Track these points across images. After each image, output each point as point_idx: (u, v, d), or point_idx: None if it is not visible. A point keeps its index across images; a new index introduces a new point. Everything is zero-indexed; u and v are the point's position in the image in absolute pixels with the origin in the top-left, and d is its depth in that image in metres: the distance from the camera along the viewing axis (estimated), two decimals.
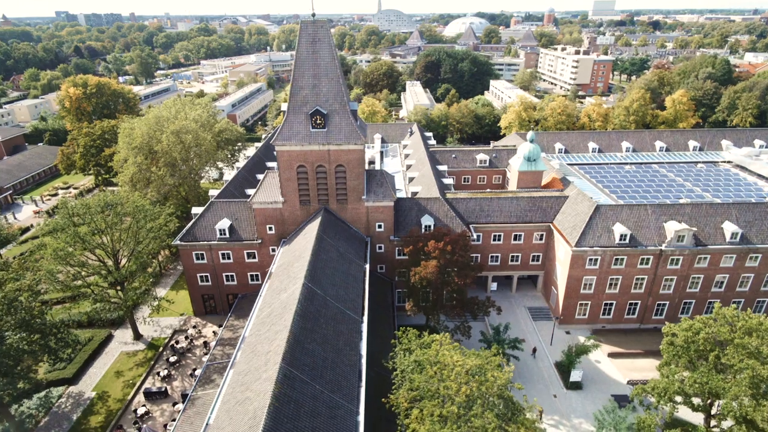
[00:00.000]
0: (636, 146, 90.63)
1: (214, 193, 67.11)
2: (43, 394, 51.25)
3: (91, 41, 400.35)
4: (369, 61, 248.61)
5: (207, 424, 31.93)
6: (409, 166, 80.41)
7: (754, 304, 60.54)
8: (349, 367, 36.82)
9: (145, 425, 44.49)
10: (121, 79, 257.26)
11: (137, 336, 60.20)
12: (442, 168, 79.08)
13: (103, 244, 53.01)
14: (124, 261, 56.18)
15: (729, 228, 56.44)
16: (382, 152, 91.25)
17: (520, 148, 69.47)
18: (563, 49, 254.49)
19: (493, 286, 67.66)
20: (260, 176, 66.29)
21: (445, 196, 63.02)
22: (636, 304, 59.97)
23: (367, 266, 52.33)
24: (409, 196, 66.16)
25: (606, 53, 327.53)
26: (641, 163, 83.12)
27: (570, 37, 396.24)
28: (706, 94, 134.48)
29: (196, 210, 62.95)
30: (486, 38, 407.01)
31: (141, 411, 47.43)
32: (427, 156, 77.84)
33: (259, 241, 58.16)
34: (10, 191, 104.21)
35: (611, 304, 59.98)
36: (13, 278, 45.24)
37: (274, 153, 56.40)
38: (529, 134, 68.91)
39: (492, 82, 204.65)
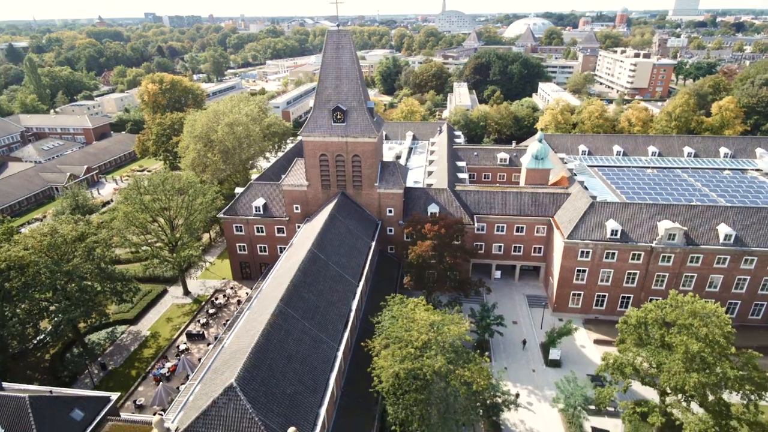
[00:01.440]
0: (663, 151, 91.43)
1: (255, 177, 77.92)
2: (110, 329, 64.11)
3: (173, 41, 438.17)
4: (422, 62, 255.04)
5: (222, 346, 41.33)
6: (431, 161, 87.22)
7: (751, 306, 61.84)
8: (338, 317, 45.03)
9: (183, 357, 55.32)
10: (195, 76, 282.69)
11: (186, 292, 72.07)
12: (461, 164, 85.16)
13: (161, 211, 64.93)
14: (178, 228, 67.93)
15: (723, 230, 58.53)
16: (411, 148, 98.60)
17: (530, 147, 74.31)
18: (623, 52, 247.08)
19: (497, 274, 73.26)
20: None
21: (454, 188, 69.51)
22: (628, 297, 63.24)
23: (373, 243, 60.34)
24: (424, 186, 73.16)
25: (675, 56, 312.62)
26: (665, 168, 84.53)
27: (639, 39, 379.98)
28: (760, 101, 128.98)
29: (239, 190, 73.87)
30: (547, 40, 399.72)
31: (182, 347, 58.57)
32: (447, 152, 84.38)
33: (287, 218, 67.86)
34: (96, 171, 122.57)
35: (604, 296, 63.69)
36: (93, 233, 57.68)
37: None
38: (538, 134, 73.69)
39: (540, 85, 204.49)
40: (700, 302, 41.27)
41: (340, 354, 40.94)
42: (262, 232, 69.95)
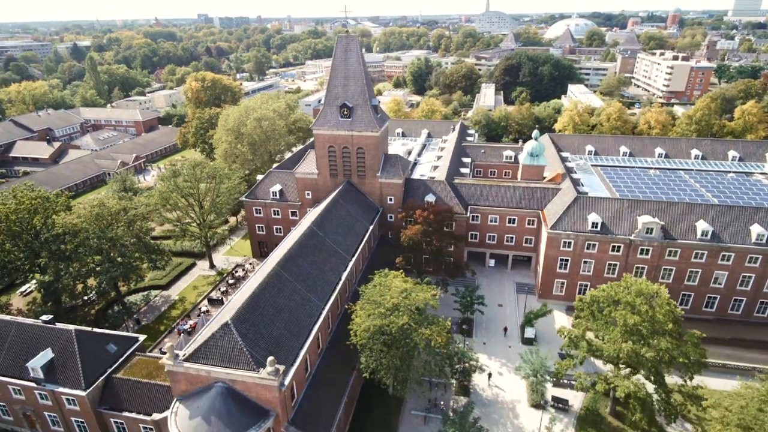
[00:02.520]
0: (670, 153, 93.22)
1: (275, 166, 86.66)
2: (146, 293, 74.46)
3: (221, 42, 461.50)
4: (453, 63, 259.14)
5: (227, 303, 49.53)
6: (439, 157, 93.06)
7: (730, 302, 64.40)
8: (328, 284, 52.39)
9: (203, 316, 64.46)
10: (238, 75, 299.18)
11: (212, 266, 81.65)
12: (466, 160, 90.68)
13: (192, 193, 74.60)
14: (206, 209, 77.40)
15: (701, 226, 61.63)
16: (425, 145, 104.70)
17: (526, 145, 79.06)
18: (662, 54, 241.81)
19: (491, 262, 78.56)
20: None
21: (451, 181, 75.46)
22: None
23: (371, 226, 67.40)
24: (428, 179, 79.39)
25: (723, 59, 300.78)
26: (668, 169, 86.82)
27: (688, 41, 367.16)
28: None
29: (260, 176, 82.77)
30: (588, 41, 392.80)
31: (203, 309, 67.82)
32: (453, 149, 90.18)
33: (299, 203, 75.96)
34: (144, 159, 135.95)
35: (586, 286, 67.74)
36: (133, 207, 67.79)
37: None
38: (534, 133, 78.41)
39: (570, 87, 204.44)
40: (647, 283, 45.79)
41: (324, 312, 48.28)
42: (278, 214, 78.44)
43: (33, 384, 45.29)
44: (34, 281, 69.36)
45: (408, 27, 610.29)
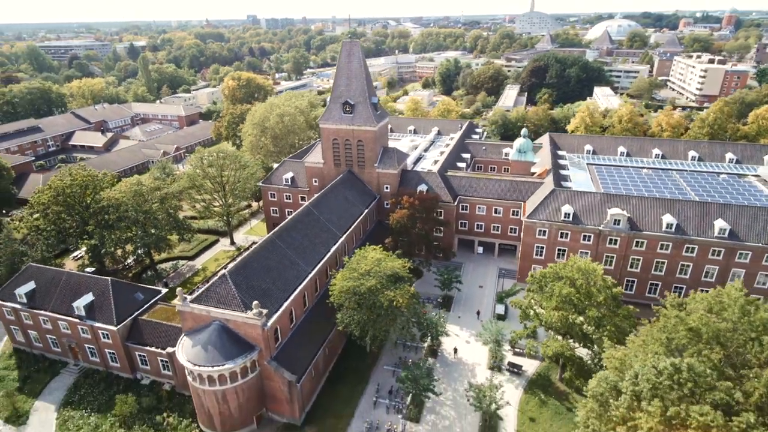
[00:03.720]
0: (667, 154, 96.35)
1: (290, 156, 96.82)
2: (175, 262, 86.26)
3: (265, 42, 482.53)
4: (483, 65, 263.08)
5: (232, 262, 59.40)
6: (442, 153, 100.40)
7: (696, 292, 68.34)
8: (317, 254, 61.39)
9: None
10: (277, 75, 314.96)
11: (232, 242, 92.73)
12: (466, 155, 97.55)
13: (215, 177, 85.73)
14: (229, 191, 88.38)
15: (667, 219, 66.31)
16: (433, 141, 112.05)
17: (515, 142, 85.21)
18: (698, 57, 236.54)
19: (480, 249, 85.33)
20: None
21: (444, 173, 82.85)
22: None
23: (366, 210, 76.00)
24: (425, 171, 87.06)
25: None
26: (661, 169, 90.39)
27: (739, 43, 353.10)
28: None
29: (276, 165, 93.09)
30: (629, 42, 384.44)
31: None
32: (455, 145, 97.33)
33: (308, 188, 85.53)
34: (183, 150, 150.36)
35: None
36: (166, 186, 79.42)
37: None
38: (523, 131, 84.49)
39: (596, 89, 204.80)
40: (586, 262, 51.97)
41: (310, 275, 57.32)
42: (290, 199, 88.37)
43: (77, 320, 56.87)
44: (83, 249, 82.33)
45: (448, 28, 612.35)
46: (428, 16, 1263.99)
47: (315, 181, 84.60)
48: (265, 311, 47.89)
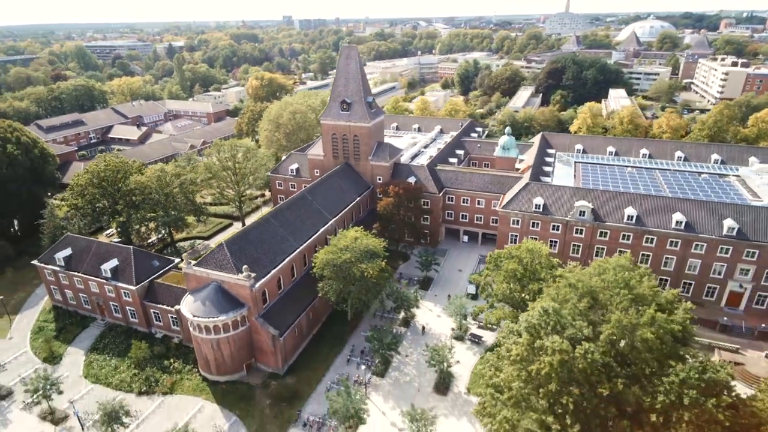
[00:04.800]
0: (655, 154, 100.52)
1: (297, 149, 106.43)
2: (192, 241, 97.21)
3: (296, 43, 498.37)
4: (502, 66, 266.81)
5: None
6: (439, 149, 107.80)
7: (656, 280, 73.47)
8: (306, 233, 70.32)
9: None
10: (304, 75, 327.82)
11: (243, 225, 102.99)
12: (459, 152, 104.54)
13: (229, 166, 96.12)
14: (241, 179, 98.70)
15: (628, 211, 71.84)
16: (434, 138, 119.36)
17: (500, 140, 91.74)
18: (722, 60, 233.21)
19: (465, 238, 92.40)
20: None
21: (433, 167, 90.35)
22: None
23: (358, 198, 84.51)
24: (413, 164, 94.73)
25: None
26: (644, 168, 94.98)
27: None
28: None
29: (284, 157, 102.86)
30: (659, 44, 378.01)
31: None
32: (450, 142, 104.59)
33: (310, 179, 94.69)
34: (209, 144, 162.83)
35: None
36: (185, 173, 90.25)
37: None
38: (507, 129, 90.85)
39: (611, 91, 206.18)
40: (535, 243, 58.77)
41: (298, 250, 66.29)
42: (294, 188, 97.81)
43: (104, 281, 67.81)
44: (114, 227, 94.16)
45: (479, 28, 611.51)
46: (461, 16, 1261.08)
47: (316, 172, 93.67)
48: (253, 275, 57.13)
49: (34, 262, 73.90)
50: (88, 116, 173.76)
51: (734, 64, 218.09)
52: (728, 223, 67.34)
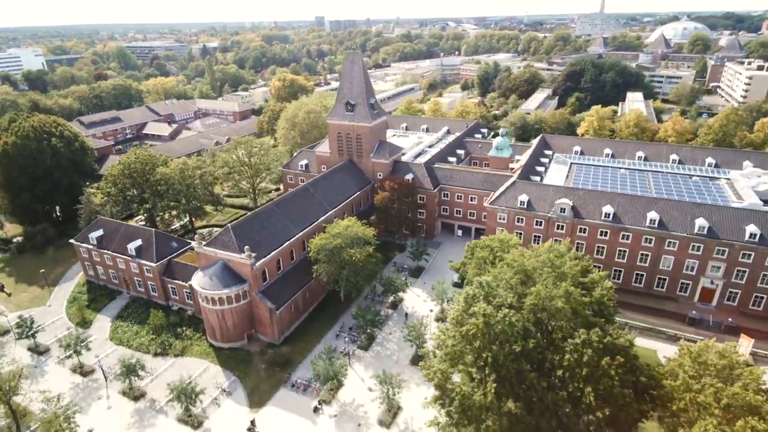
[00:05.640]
0: (650, 156, 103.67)
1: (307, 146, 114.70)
2: (211, 228, 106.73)
3: (324, 44, 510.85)
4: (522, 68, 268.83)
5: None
6: (441, 149, 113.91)
7: (632, 275, 77.80)
8: (306, 221, 78.06)
9: None
10: (329, 75, 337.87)
11: None
12: (460, 152, 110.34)
13: (246, 162, 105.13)
14: (253, 170, 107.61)
15: (606, 209, 76.39)
16: (440, 138, 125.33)
17: (495, 140, 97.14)
18: (749, 63, 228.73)
19: (459, 232, 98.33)
20: None
21: (431, 165, 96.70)
22: None
23: (359, 192, 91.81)
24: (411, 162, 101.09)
25: None
26: (636, 170, 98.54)
27: None
28: None
29: (296, 153, 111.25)
30: (691, 46, 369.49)
31: None
32: (452, 142, 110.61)
33: (318, 174, 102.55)
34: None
35: None
36: (205, 167, 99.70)
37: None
38: (501, 131, 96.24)
39: (628, 94, 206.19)
40: (508, 235, 64.53)
41: (297, 236, 74.10)
42: (304, 182, 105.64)
43: (129, 258, 77.44)
44: (142, 214, 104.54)
45: (506, 29, 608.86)
46: (493, 16, 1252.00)
47: (323, 168, 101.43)
48: (254, 255, 65.22)
49: (72, 241, 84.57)
50: (124, 113, 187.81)
51: (760, 68, 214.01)
52: (700, 222, 71.12)
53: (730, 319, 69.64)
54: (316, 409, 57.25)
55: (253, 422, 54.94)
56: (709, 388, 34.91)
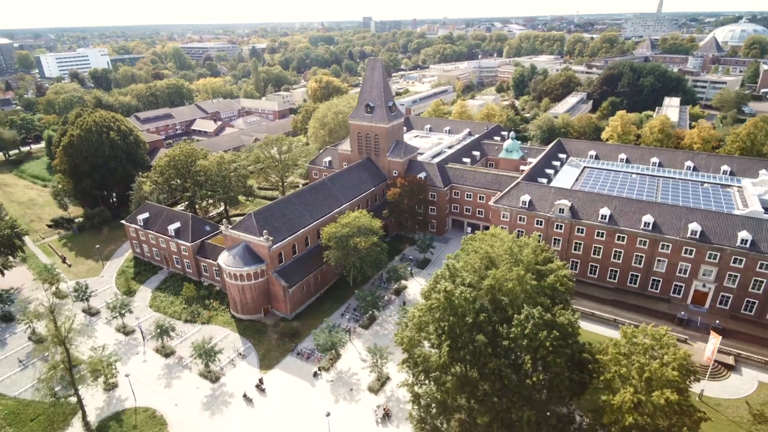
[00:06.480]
0: (665, 162, 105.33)
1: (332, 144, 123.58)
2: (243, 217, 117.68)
3: (367, 45, 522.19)
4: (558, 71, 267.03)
5: None
6: (458, 149, 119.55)
7: (628, 276, 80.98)
8: (321, 212, 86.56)
9: None
10: None
11: None
12: (476, 153, 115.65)
13: (276, 157, 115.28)
14: (281, 165, 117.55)
15: (602, 211, 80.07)
16: (461, 140, 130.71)
17: (505, 143, 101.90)
18: None
19: (468, 229, 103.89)
20: None
21: (444, 165, 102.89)
22: None
23: (374, 188, 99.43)
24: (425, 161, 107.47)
25: None
26: (647, 175, 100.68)
27: None
28: None
29: (320, 151, 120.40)
30: (746, 50, 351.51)
31: None
32: (468, 144, 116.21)
33: (339, 170, 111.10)
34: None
35: None
36: (239, 161, 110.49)
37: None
38: (511, 134, 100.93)
39: (665, 100, 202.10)
40: (500, 230, 70.05)
41: (312, 224, 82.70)
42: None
43: (169, 238, 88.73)
44: (184, 202, 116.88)
45: (558, 31, 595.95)
46: (542, 16, 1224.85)
47: (344, 164, 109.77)
48: (271, 239, 74.30)
49: (123, 221, 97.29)
50: (175, 111, 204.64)
51: None
52: (692, 226, 73.65)
53: (717, 321, 71.89)
54: (315, 374, 65.45)
55: (261, 380, 63.86)
56: (635, 363, 39.75)
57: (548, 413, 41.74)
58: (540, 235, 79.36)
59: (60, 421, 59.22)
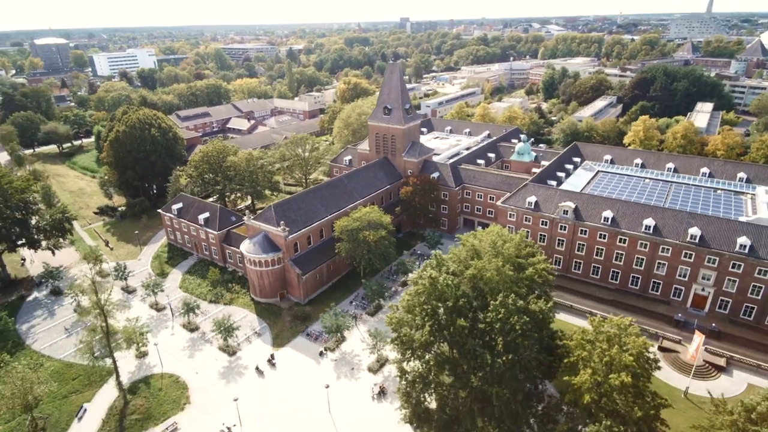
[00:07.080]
0: (680, 168, 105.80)
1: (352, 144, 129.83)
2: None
3: (401, 47, 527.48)
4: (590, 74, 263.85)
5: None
6: (473, 151, 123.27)
7: (629, 277, 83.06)
8: (335, 207, 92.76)
9: None
10: None
11: None
12: (491, 155, 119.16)
13: (300, 155, 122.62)
14: (304, 162, 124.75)
15: (605, 214, 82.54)
16: (479, 142, 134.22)
17: (517, 146, 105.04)
18: None
19: (479, 228, 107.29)
20: None
21: (456, 165, 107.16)
22: None
23: (388, 186, 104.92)
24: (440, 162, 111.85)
25: None
26: (660, 180, 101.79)
27: None
28: None
29: (341, 150, 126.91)
30: None
31: None
32: (484, 146, 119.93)
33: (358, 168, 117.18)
34: None
35: None
36: (265, 157, 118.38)
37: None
38: (522, 137, 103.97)
39: (698, 105, 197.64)
40: (499, 228, 74.09)
41: (326, 218, 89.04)
42: None
43: (199, 226, 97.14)
44: (215, 195, 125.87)
45: (599, 32, 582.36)
46: (584, 16, 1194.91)
47: (363, 163, 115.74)
48: (288, 229, 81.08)
49: (159, 210, 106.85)
50: (213, 110, 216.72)
51: None
52: (692, 230, 75.33)
53: (713, 324, 73.34)
54: (321, 354, 71.63)
55: (272, 356, 70.63)
56: (598, 348, 43.37)
57: (517, 391, 45.95)
58: (528, 232, 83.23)
59: (97, 381, 67.84)
